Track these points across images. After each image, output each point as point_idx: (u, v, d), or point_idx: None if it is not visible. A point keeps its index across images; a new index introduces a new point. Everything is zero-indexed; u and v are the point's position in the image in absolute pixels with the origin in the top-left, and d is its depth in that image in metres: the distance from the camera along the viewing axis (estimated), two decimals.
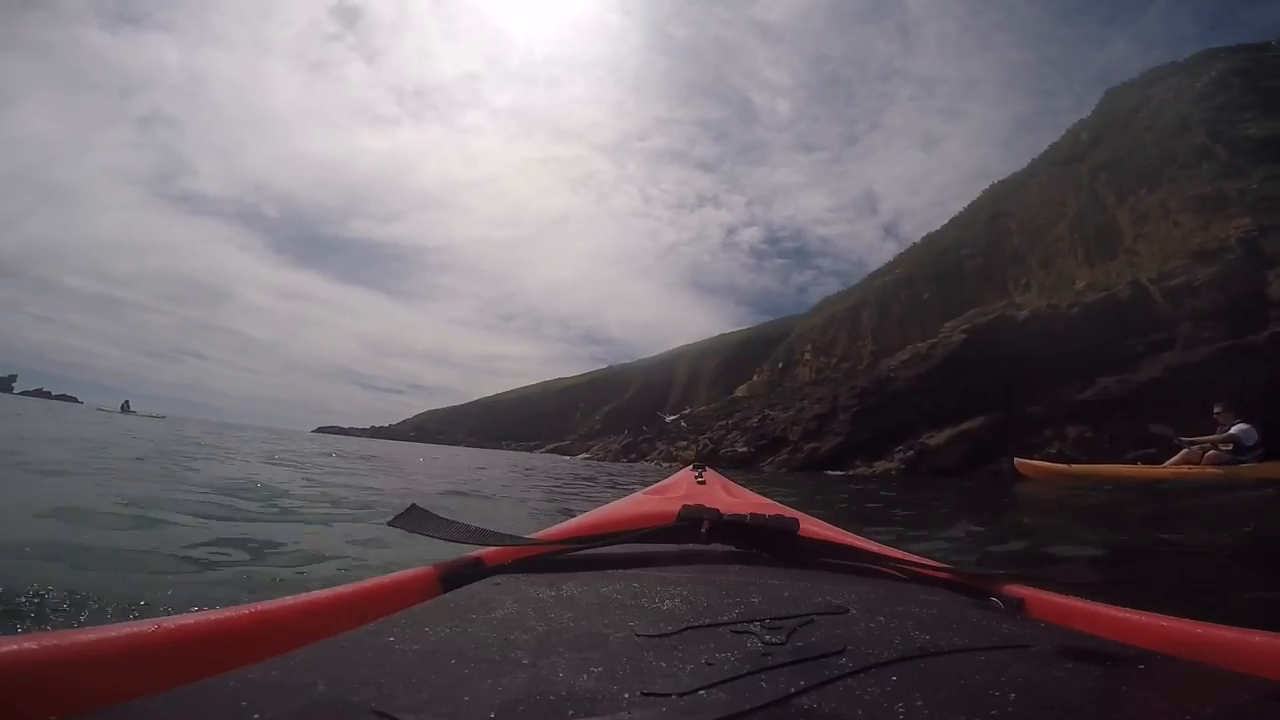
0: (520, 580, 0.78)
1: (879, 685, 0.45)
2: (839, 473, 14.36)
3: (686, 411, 41.14)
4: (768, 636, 0.54)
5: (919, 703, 0.42)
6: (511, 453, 42.96)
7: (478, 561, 0.88)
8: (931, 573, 0.93)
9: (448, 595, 0.74)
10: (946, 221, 35.18)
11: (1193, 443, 7.42)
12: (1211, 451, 7.19)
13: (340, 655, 0.51)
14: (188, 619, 0.54)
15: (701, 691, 0.43)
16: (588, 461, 26.22)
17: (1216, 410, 7.50)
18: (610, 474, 11.76)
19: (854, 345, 31.87)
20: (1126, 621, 0.67)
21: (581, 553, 0.96)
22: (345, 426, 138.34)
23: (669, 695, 0.42)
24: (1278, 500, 5.10)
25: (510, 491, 6.28)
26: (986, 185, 34.05)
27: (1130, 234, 17.63)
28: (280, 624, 0.58)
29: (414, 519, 0.93)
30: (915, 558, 0.99)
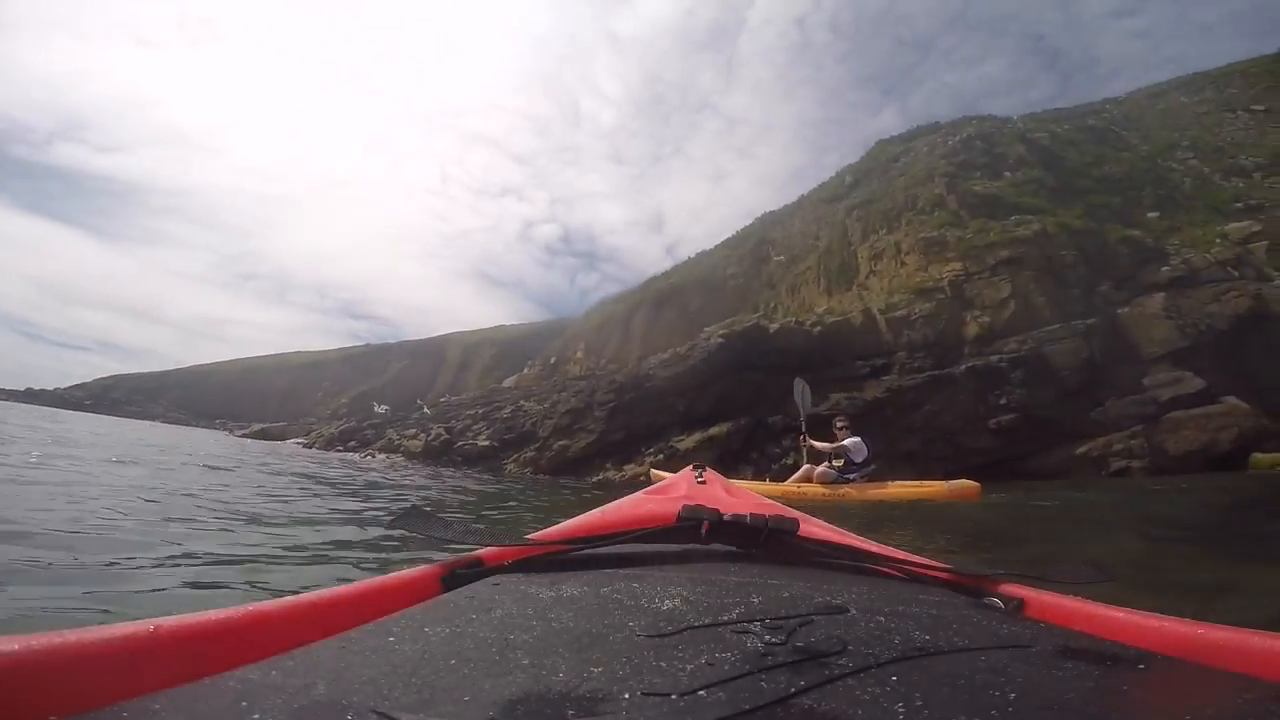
0: (520, 580, 0.77)
1: (879, 685, 0.44)
2: (589, 479, 12.48)
3: (445, 399, 36.67)
4: (768, 636, 0.54)
5: (919, 703, 0.42)
6: (203, 430, 33.64)
7: (478, 561, 0.87)
8: (931, 573, 0.93)
9: (448, 595, 0.73)
10: (719, 243, 37.25)
11: (812, 448, 7.59)
12: (822, 467, 7.26)
13: (340, 655, 0.50)
14: (187, 619, 0.53)
15: (701, 691, 0.43)
16: (265, 449, 20.58)
17: (838, 424, 7.66)
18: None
19: (624, 347, 31.51)
20: (1126, 622, 0.66)
21: (581, 553, 0.93)
22: None
23: (669, 695, 0.42)
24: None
25: None
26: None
27: (865, 269, 19.52)
28: (280, 624, 0.58)
29: (414, 520, 0.91)
30: (915, 558, 0.98)
